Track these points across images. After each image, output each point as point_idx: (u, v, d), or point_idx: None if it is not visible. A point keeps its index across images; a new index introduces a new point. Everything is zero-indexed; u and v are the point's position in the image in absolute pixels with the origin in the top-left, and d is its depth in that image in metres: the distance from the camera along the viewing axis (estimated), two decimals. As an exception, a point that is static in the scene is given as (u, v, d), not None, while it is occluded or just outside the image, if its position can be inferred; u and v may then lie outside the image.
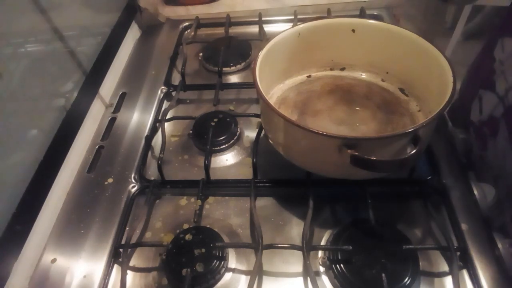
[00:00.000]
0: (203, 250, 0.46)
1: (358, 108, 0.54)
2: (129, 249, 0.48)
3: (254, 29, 0.80)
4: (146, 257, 0.48)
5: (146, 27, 0.85)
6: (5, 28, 0.49)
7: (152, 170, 0.58)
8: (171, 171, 0.56)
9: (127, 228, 0.51)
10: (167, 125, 0.63)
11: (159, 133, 0.61)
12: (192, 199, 0.53)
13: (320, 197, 0.50)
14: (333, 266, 0.44)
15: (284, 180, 0.54)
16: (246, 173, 0.55)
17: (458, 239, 0.46)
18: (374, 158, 0.39)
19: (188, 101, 0.69)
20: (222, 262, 0.45)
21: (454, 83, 0.43)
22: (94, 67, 0.66)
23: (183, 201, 0.54)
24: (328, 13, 0.78)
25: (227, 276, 0.46)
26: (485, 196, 0.49)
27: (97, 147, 0.61)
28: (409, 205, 0.51)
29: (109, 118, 0.66)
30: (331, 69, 0.61)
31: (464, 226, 0.47)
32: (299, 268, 0.46)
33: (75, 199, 0.54)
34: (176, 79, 0.72)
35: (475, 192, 0.50)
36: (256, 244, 0.46)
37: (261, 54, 0.51)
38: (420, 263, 0.43)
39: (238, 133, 0.61)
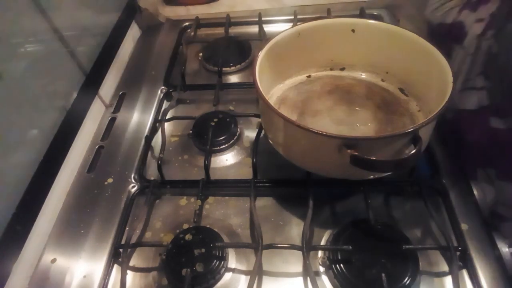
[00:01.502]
0: (203, 250, 0.46)
1: (358, 108, 0.54)
2: (129, 249, 0.48)
3: (254, 29, 0.80)
4: (146, 257, 0.48)
5: (146, 27, 0.85)
6: (5, 28, 0.49)
7: (152, 170, 0.58)
8: (171, 171, 0.56)
9: (127, 228, 0.51)
10: (167, 125, 0.63)
11: (159, 133, 0.61)
12: (192, 199, 0.53)
13: (320, 197, 0.50)
14: (333, 266, 0.44)
15: (284, 180, 0.54)
16: (246, 173, 0.55)
17: (458, 239, 0.46)
18: (374, 158, 0.39)
19: (188, 101, 0.69)
20: (222, 262, 0.45)
21: (454, 83, 0.43)
22: (94, 67, 0.66)
23: (183, 201, 0.54)
24: (328, 13, 0.78)
25: (227, 276, 0.46)
26: (485, 196, 0.49)
27: (97, 147, 0.61)
28: (409, 205, 0.51)
29: (109, 118, 0.66)
30: (331, 69, 0.61)
31: (464, 226, 0.47)
32: (299, 268, 0.46)
33: (75, 199, 0.55)
34: (176, 79, 0.72)
35: (475, 192, 0.50)
36: (256, 244, 0.46)
37: (261, 54, 0.51)
38: (420, 263, 0.43)
39: (238, 133, 0.61)
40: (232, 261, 0.47)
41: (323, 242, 0.47)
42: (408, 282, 0.42)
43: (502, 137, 0.46)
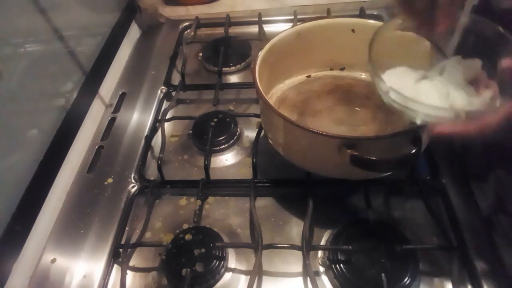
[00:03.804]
0: (203, 250, 0.46)
1: (358, 108, 0.54)
2: (129, 249, 0.48)
3: (254, 29, 0.80)
4: (146, 257, 0.48)
5: (146, 27, 0.85)
6: (5, 28, 0.49)
7: (152, 170, 0.58)
8: (171, 171, 0.56)
9: (127, 228, 0.51)
10: (167, 125, 0.63)
11: (159, 133, 0.61)
12: (192, 199, 0.53)
13: (320, 197, 0.50)
14: (333, 266, 0.44)
15: (284, 180, 0.54)
16: (246, 173, 0.55)
17: (457, 239, 0.46)
18: (374, 158, 0.39)
19: (188, 101, 0.69)
20: (222, 262, 0.45)
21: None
22: (94, 67, 0.66)
23: (183, 201, 0.54)
24: (328, 13, 0.78)
25: (227, 276, 0.46)
26: (485, 196, 0.49)
27: (97, 147, 0.61)
28: (409, 205, 0.51)
29: (109, 118, 0.66)
30: (330, 69, 0.61)
31: (464, 226, 0.47)
32: (298, 268, 0.46)
33: (75, 199, 0.55)
34: (176, 79, 0.72)
35: (475, 192, 0.50)
36: (256, 244, 0.46)
37: (261, 54, 0.51)
38: (420, 263, 0.43)
39: (238, 133, 0.61)
40: (232, 261, 0.47)
41: (323, 242, 0.47)
42: (408, 282, 0.42)
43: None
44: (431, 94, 0.40)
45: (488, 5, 0.47)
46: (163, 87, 0.70)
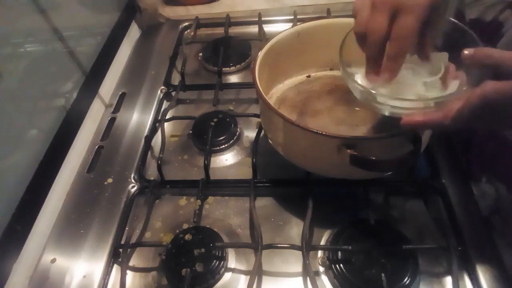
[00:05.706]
0: (203, 250, 0.46)
1: (357, 108, 0.54)
2: (129, 249, 0.48)
3: (254, 29, 0.80)
4: (145, 257, 0.48)
5: (146, 27, 0.85)
6: (5, 28, 0.49)
7: (152, 170, 0.58)
8: (170, 171, 0.56)
9: (126, 228, 0.51)
10: (166, 125, 0.63)
11: (159, 133, 0.61)
12: (192, 199, 0.53)
13: (320, 197, 0.50)
14: (333, 266, 0.44)
15: (284, 180, 0.54)
16: (246, 173, 0.55)
17: (457, 239, 0.46)
18: (374, 158, 0.39)
19: (187, 101, 0.69)
20: (222, 262, 0.45)
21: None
22: (94, 67, 0.66)
23: (183, 201, 0.54)
24: (328, 13, 0.78)
25: (227, 276, 0.46)
26: (485, 196, 0.49)
27: (96, 147, 0.61)
28: (409, 205, 0.51)
29: (109, 118, 0.66)
30: (330, 69, 0.61)
31: (464, 226, 0.47)
32: (298, 268, 0.46)
33: (75, 199, 0.55)
34: (176, 79, 0.72)
35: (475, 192, 0.50)
36: (256, 244, 0.46)
37: (261, 54, 0.51)
38: (420, 263, 0.43)
39: (237, 133, 0.61)
40: (232, 261, 0.47)
41: (323, 242, 0.47)
42: (407, 282, 0.42)
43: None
44: (401, 86, 0.41)
45: (460, 15, 0.52)
46: (163, 87, 0.70)
